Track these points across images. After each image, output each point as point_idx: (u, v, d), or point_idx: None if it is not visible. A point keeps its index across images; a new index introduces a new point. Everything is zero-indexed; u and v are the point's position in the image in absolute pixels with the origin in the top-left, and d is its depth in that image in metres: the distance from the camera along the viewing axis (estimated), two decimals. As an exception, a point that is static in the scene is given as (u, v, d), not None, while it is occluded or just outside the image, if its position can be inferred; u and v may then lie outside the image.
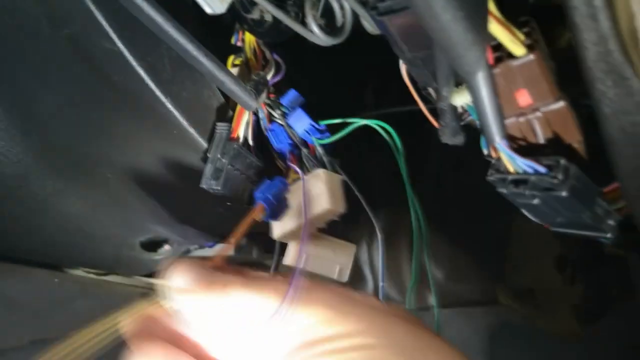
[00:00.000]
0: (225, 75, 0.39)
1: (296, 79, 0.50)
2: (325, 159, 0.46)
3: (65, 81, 0.43)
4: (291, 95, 0.48)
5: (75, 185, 0.55)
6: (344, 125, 0.47)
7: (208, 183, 0.43)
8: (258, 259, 0.90)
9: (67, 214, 0.58)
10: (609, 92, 0.25)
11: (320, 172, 0.44)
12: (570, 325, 0.70)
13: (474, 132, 0.38)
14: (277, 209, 0.41)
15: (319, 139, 0.47)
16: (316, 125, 0.47)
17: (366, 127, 0.47)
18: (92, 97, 0.44)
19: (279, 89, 0.49)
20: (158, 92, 0.41)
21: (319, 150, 0.47)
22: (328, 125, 0.48)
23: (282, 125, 0.47)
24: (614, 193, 0.36)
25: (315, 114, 0.48)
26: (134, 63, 0.40)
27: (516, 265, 0.72)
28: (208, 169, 0.43)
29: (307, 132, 0.46)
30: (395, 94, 0.50)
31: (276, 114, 0.47)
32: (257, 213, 0.38)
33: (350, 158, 0.50)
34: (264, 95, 0.47)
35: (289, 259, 0.48)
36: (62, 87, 0.44)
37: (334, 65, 0.66)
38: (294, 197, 0.43)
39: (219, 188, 0.43)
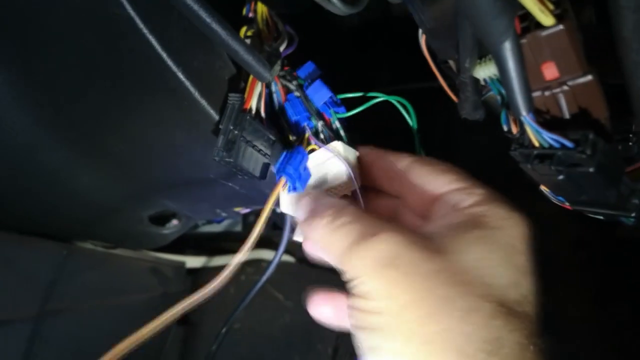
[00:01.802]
0: (239, 44, 0.37)
1: (310, 53, 0.49)
2: (341, 132, 0.45)
3: (75, 50, 0.42)
4: (308, 67, 0.47)
5: (86, 157, 0.54)
6: (361, 100, 0.46)
7: (220, 155, 0.42)
8: (267, 235, 0.90)
9: (76, 186, 0.58)
10: (645, 63, 0.24)
11: (339, 144, 0.43)
12: (583, 308, 0.69)
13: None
14: (300, 180, 0.40)
15: (337, 112, 0.46)
16: (335, 98, 0.46)
17: (378, 104, 0.46)
18: (102, 67, 0.43)
19: (293, 63, 0.48)
20: (169, 61, 0.40)
21: (337, 123, 0.46)
22: (343, 100, 0.47)
23: (298, 96, 0.46)
24: (636, 172, 0.35)
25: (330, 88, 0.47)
26: (144, 30, 0.39)
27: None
28: (220, 141, 0.42)
29: (325, 104, 0.45)
30: (411, 71, 0.49)
31: (292, 85, 0.46)
32: (281, 186, 0.38)
33: (365, 134, 0.49)
34: (277, 68, 0.46)
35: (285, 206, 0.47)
36: (73, 57, 0.43)
37: (349, 40, 0.65)
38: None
39: (231, 160, 0.41)
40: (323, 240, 0.33)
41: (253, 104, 0.44)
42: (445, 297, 0.27)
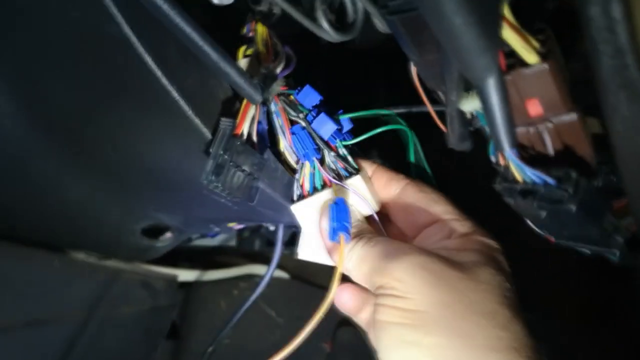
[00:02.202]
0: (230, 67, 0.38)
1: (308, 75, 0.49)
2: (349, 158, 0.46)
3: (70, 64, 0.43)
4: (307, 92, 0.47)
5: (78, 168, 0.55)
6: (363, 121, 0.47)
7: (208, 179, 0.42)
8: (261, 250, 0.90)
9: (68, 196, 0.58)
10: (622, 108, 0.24)
11: (359, 182, 0.45)
12: (583, 317, 0.68)
13: (482, 140, 0.37)
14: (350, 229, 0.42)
15: (342, 140, 0.47)
16: (340, 127, 0.47)
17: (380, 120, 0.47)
18: (97, 80, 0.44)
19: (291, 85, 0.49)
20: (164, 80, 0.40)
21: (343, 150, 0.46)
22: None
23: (304, 127, 0.46)
24: (624, 209, 0.35)
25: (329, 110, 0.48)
26: (140, 49, 0.39)
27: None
28: (209, 165, 0.42)
29: (332, 135, 0.46)
30: (407, 94, 0.50)
31: (299, 117, 0.47)
32: (344, 245, 0.40)
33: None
34: (276, 88, 0.47)
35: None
36: (68, 69, 0.43)
37: (346, 61, 0.65)
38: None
39: (219, 185, 0.42)
40: (360, 260, 0.38)
41: (245, 128, 0.45)
42: (474, 301, 0.32)
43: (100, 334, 0.64)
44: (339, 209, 0.41)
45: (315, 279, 0.93)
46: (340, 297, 0.43)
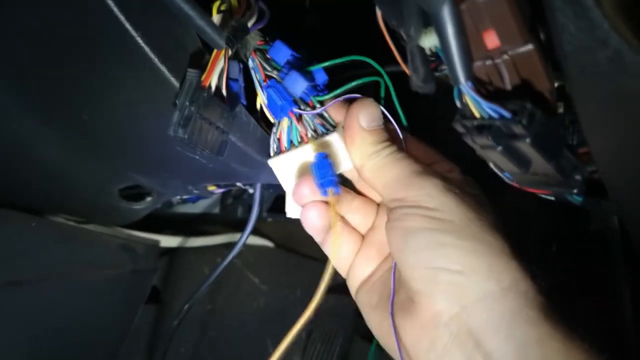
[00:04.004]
0: (192, 9, 0.37)
1: (286, 31, 0.49)
2: (325, 114, 0.46)
3: (32, 16, 0.42)
4: (279, 47, 0.47)
5: (52, 127, 0.54)
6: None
7: (175, 130, 0.42)
8: (243, 217, 0.90)
9: (43, 156, 0.58)
10: (570, 25, 0.23)
11: (335, 135, 0.44)
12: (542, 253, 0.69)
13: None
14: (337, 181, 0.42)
15: (316, 96, 0.46)
16: (314, 84, 0.47)
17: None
18: (61, 31, 0.43)
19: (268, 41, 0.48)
20: (127, 25, 0.40)
21: (318, 106, 0.46)
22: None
23: (280, 82, 0.46)
24: (586, 155, 0.35)
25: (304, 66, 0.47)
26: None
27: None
28: (175, 116, 0.42)
29: (305, 92, 0.46)
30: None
31: (271, 71, 0.47)
32: (334, 200, 0.41)
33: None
34: (252, 42, 0.46)
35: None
36: (33, 25, 0.43)
37: (328, 18, 0.65)
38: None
39: (186, 136, 0.42)
40: (385, 167, 0.41)
41: (213, 80, 0.44)
42: (490, 221, 0.37)
43: (78, 296, 0.65)
44: (320, 165, 0.41)
45: (301, 248, 0.93)
46: (307, 214, 0.44)
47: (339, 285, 0.49)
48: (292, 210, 0.50)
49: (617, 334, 0.56)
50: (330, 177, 0.40)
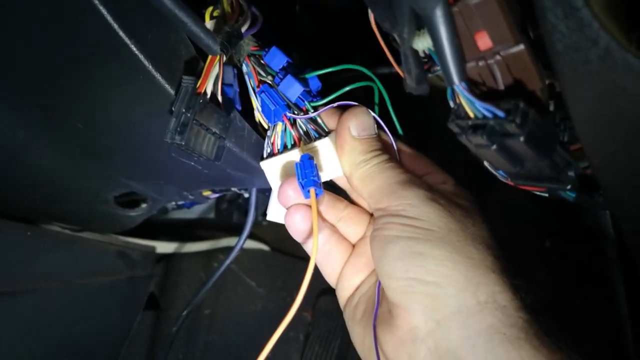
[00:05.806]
0: (186, 15, 0.38)
1: (278, 35, 0.49)
2: (319, 120, 0.46)
3: (29, 28, 0.42)
4: (274, 53, 0.47)
5: (46, 136, 0.54)
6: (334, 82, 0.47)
7: (172, 137, 0.42)
8: (238, 222, 0.90)
9: (38, 165, 0.58)
10: (560, 24, 0.24)
11: (327, 140, 0.44)
12: (546, 296, 0.70)
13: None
14: (320, 185, 0.42)
15: (310, 101, 0.47)
16: (308, 89, 0.47)
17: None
18: (55, 40, 0.43)
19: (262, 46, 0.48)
20: (121, 33, 0.40)
21: (312, 112, 0.46)
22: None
23: (272, 86, 0.46)
24: (579, 151, 0.35)
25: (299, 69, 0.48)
26: (96, 1, 0.39)
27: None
28: (172, 123, 0.42)
29: (299, 97, 0.46)
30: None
31: (265, 76, 0.47)
32: (314, 200, 0.41)
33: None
34: (246, 48, 0.47)
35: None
36: (28, 34, 0.43)
37: (320, 22, 0.65)
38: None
39: (183, 143, 0.42)
40: (371, 176, 0.41)
41: (209, 86, 0.44)
42: (474, 233, 0.37)
43: (76, 304, 0.65)
44: (304, 165, 0.41)
45: (295, 251, 0.93)
46: (291, 217, 0.44)
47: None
48: (273, 213, 0.50)
49: (612, 327, 0.57)
50: (312, 178, 0.41)
